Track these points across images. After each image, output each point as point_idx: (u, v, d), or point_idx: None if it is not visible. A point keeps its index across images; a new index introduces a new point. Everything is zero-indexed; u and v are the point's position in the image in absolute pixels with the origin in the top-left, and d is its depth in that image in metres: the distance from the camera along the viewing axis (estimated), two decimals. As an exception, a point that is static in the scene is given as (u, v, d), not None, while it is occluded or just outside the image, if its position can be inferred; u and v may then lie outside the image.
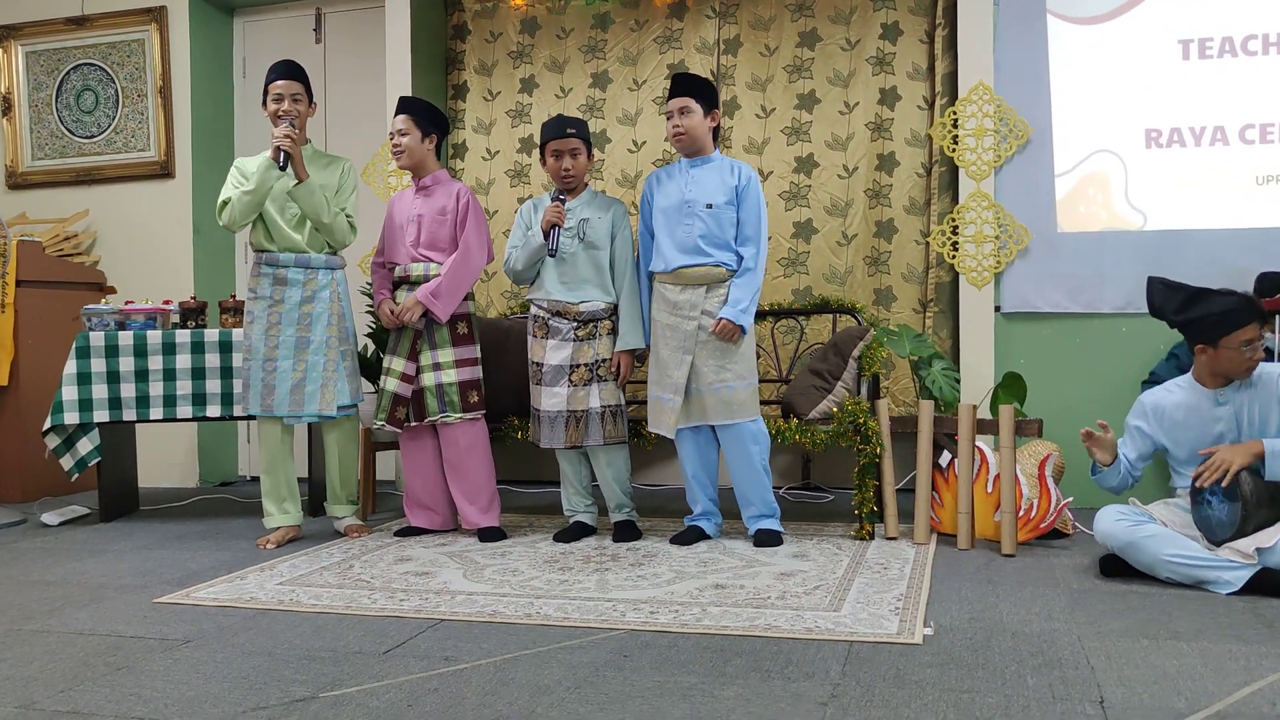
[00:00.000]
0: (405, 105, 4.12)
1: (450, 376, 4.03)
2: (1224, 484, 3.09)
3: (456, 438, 4.05)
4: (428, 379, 4.03)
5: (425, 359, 4.04)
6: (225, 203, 3.96)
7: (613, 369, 3.94)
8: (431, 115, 4.12)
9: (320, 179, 4.01)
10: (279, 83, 3.97)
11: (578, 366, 3.92)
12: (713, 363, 3.78)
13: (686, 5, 5.28)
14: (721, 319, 3.74)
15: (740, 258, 3.83)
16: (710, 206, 3.80)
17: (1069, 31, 4.69)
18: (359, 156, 5.39)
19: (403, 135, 4.06)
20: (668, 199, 3.89)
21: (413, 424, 4.05)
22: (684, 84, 3.86)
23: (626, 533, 4.00)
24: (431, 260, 4.05)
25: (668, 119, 3.89)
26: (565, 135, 3.93)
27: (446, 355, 4.04)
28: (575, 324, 3.95)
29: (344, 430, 4.21)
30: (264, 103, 4.00)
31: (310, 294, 4.03)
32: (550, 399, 3.93)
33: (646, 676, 2.40)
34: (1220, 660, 2.46)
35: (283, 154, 3.82)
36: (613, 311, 3.99)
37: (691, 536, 3.91)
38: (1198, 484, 3.17)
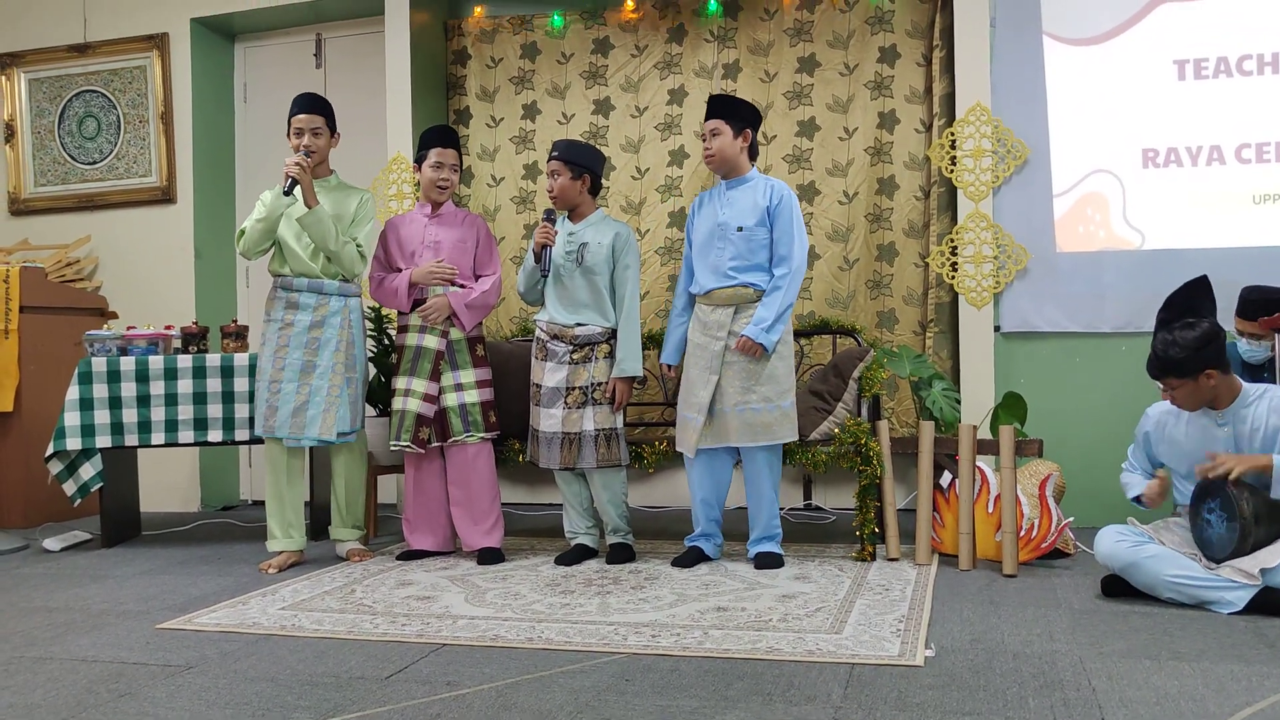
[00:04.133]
0: (453, 139, 4.18)
1: (473, 397, 4.07)
2: (1230, 478, 3.08)
3: (471, 458, 4.07)
4: (450, 399, 4.06)
5: (447, 379, 4.07)
6: (243, 231, 4.05)
7: (608, 394, 3.96)
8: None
9: (335, 208, 4.07)
10: (300, 116, 4.05)
11: (572, 389, 3.95)
12: (738, 383, 3.78)
13: (685, 29, 5.32)
14: (743, 336, 3.75)
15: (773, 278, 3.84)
16: (741, 229, 3.82)
17: (1065, 53, 4.73)
18: (360, 181, 5.37)
19: (454, 171, 4.15)
20: (705, 222, 3.93)
21: (434, 444, 4.07)
22: (712, 106, 3.91)
23: (620, 555, 4.02)
24: (452, 285, 4.09)
25: (702, 141, 3.93)
26: (550, 158, 4.03)
27: (468, 376, 4.09)
28: (571, 347, 3.98)
29: (351, 455, 4.23)
30: (288, 134, 4.08)
31: (320, 319, 4.05)
32: (546, 420, 3.96)
33: (648, 700, 2.40)
34: (1222, 681, 2.46)
35: (290, 180, 3.87)
36: (611, 336, 4.01)
37: (692, 558, 3.91)
38: (1199, 474, 3.18)
